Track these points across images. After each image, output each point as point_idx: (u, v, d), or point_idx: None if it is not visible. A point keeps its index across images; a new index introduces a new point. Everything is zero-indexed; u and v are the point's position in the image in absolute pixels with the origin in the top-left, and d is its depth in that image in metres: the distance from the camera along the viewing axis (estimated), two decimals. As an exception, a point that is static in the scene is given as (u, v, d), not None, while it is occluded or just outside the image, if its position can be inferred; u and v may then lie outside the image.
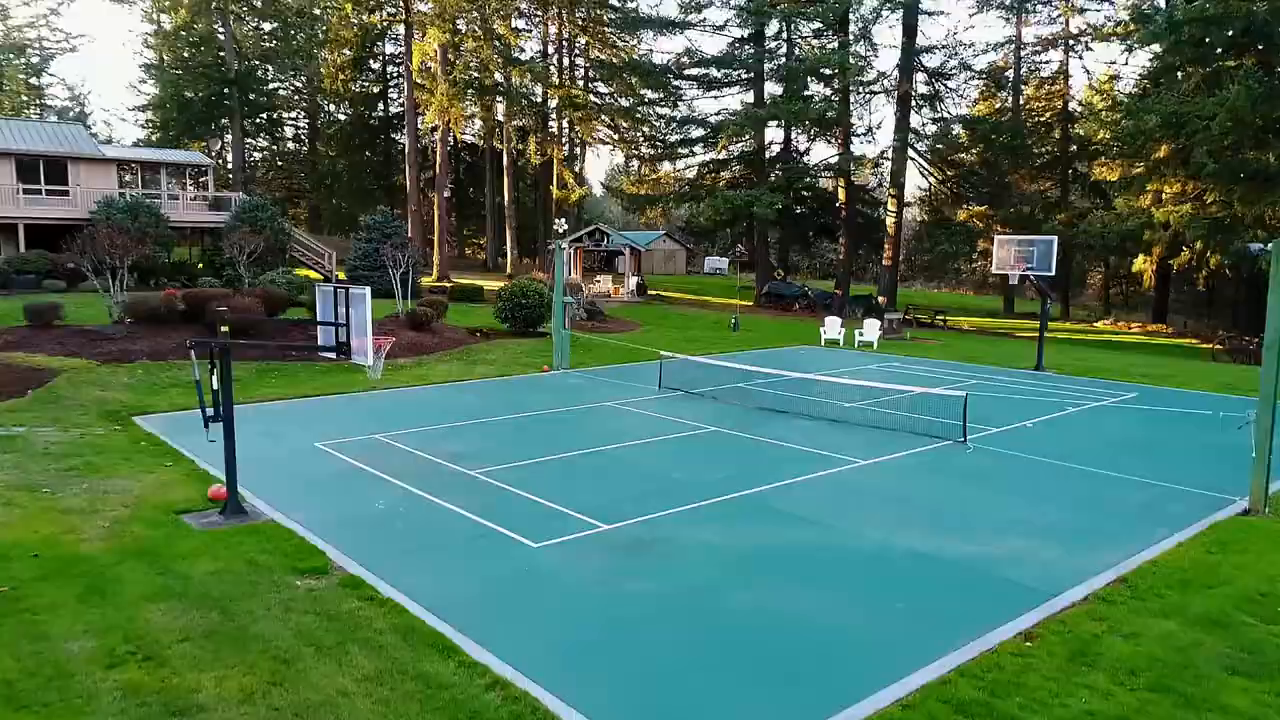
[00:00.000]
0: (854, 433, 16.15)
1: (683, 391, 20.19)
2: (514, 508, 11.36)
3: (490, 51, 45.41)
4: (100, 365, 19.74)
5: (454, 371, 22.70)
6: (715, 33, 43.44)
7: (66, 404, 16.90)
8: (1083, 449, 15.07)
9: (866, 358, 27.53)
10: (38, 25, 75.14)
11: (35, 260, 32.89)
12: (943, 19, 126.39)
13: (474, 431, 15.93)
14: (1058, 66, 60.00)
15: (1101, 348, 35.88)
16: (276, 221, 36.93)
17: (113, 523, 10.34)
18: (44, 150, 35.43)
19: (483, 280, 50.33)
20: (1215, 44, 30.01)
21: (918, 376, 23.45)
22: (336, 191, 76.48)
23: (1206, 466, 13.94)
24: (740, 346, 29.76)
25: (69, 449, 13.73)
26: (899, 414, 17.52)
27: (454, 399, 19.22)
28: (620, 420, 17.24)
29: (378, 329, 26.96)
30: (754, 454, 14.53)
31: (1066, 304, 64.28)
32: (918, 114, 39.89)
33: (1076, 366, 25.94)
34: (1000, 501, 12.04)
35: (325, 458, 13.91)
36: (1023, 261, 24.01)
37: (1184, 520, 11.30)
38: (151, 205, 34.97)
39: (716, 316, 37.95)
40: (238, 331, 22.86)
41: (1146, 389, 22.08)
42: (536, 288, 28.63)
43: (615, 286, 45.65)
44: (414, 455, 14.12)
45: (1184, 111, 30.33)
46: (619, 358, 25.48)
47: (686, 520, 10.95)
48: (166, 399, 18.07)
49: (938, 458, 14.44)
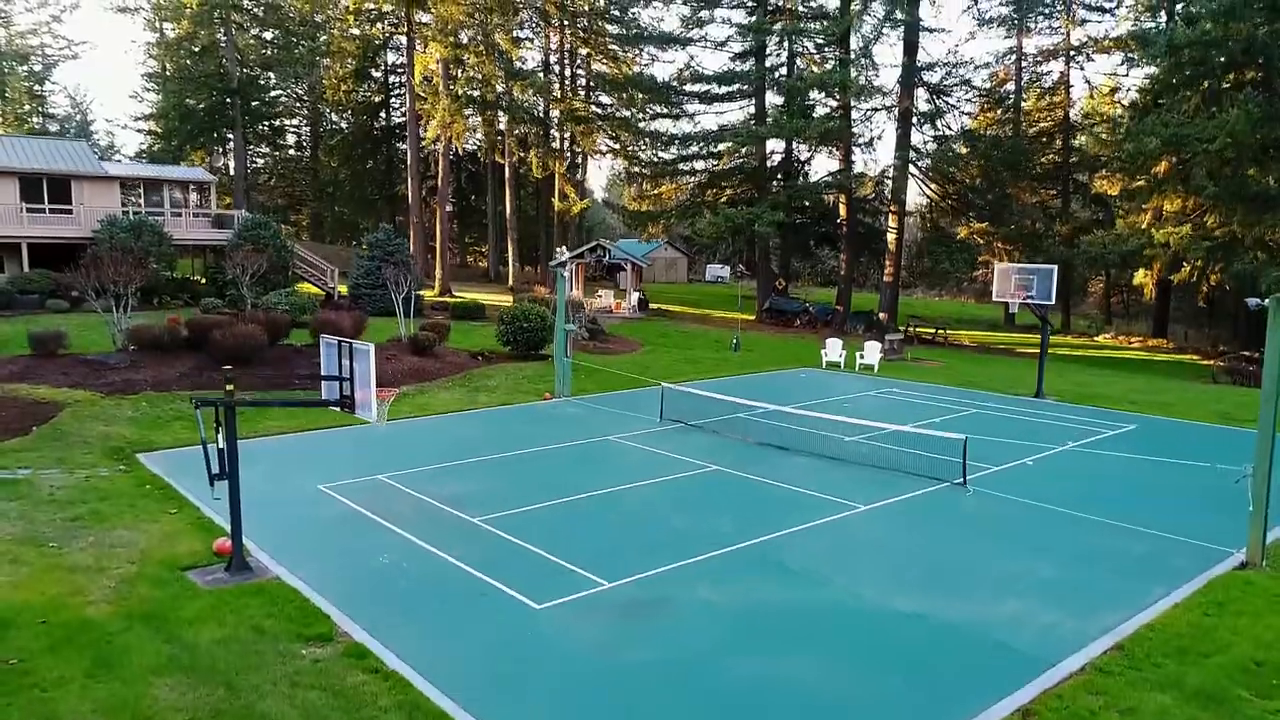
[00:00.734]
0: (854, 472, 16.23)
1: (683, 423, 20.28)
2: (516, 560, 11.45)
3: (492, 66, 45.52)
4: (104, 398, 19.84)
5: (456, 400, 22.79)
6: (717, 49, 43.56)
7: (71, 441, 17.00)
8: (1081, 492, 15.15)
9: (867, 382, 27.61)
10: (40, 32, 75.46)
11: (39, 280, 33.02)
12: (944, 36, 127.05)
13: (475, 471, 16.02)
14: (1058, 77, 60.29)
15: (1101, 367, 35.97)
16: (279, 239, 37.02)
17: (119, 582, 10.44)
18: (47, 168, 35.53)
19: (484, 293, 50.45)
20: (1215, 65, 30.06)
21: (918, 405, 23.56)
22: (338, 200, 76.67)
23: (1204, 513, 14.02)
24: (741, 369, 29.85)
25: (74, 494, 13.82)
26: (899, 449, 17.59)
27: (455, 432, 19.31)
28: (621, 457, 17.33)
29: (380, 351, 27.18)
30: (754, 498, 14.62)
31: (1067, 313, 64.30)
32: (919, 131, 40.04)
33: (1076, 393, 26.01)
34: (999, 554, 12.12)
35: (328, 502, 14.01)
36: (1023, 290, 24.10)
37: (1181, 576, 11.39)
38: (154, 224, 35.07)
39: (718, 334, 38.03)
40: (239, 359, 23.01)
41: (1145, 420, 22.15)
42: (539, 311, 28.70)
43: (617, 301, 45.74)
44: (415, 498, 14.23)
45: (1184, 134, 30.40)
46: (620, 384, 25.55)
47: (687, 577, 11.03)
48: (170, 433, 18.16)
49: (937, 502, 14.52)
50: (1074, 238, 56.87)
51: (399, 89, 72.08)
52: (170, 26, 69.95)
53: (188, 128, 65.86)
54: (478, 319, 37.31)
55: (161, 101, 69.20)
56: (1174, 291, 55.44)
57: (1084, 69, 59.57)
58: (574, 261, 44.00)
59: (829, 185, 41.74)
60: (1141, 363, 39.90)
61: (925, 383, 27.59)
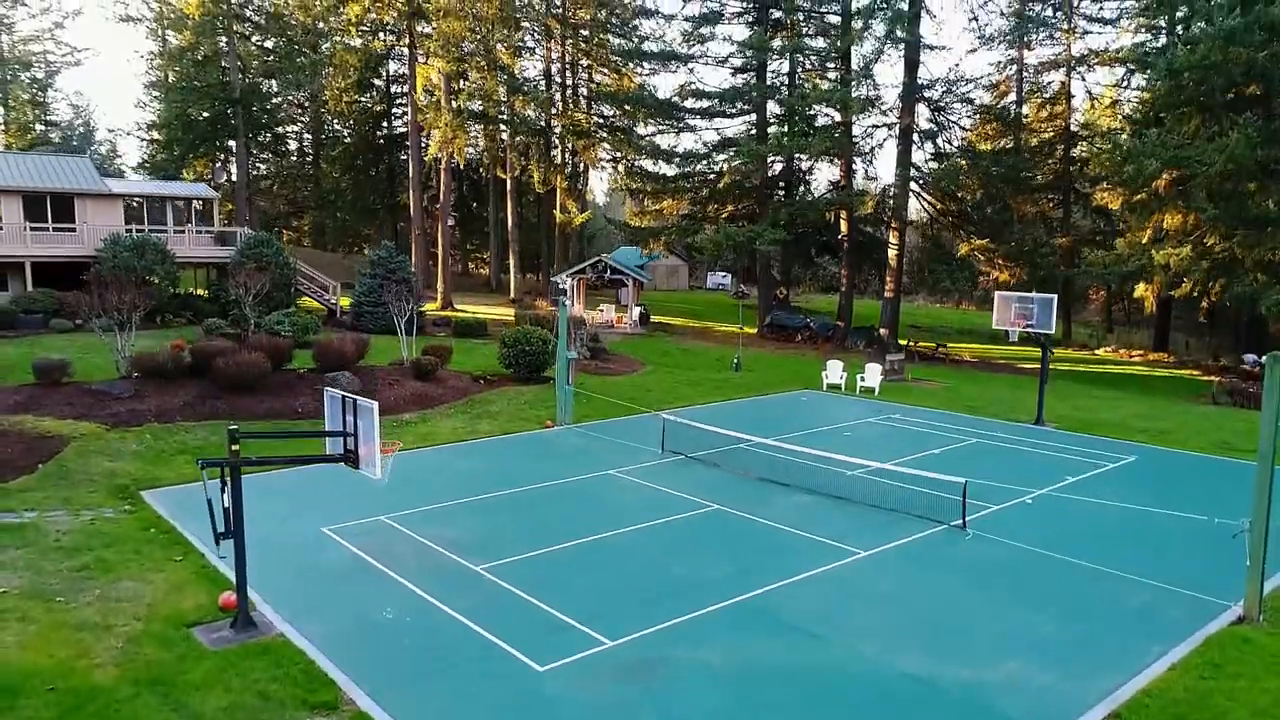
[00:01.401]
0: (854, 513, 16.32)
1: (684, 456, 20.37)
2: (518, 614, 11.56)
3: (494, 81, 45.68)
4: (109, 430, 19.95)
5: (458, 429, 22.89)
6: (718, 65, 43.70)
7: (76, 479, 17.11)
8: (1079, 534, 15.24)
9: (867, 407, 27.70)
10: (43, 38, 75.65)
11: (42, 299, 33.17)
12: (945, 54, 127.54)
13: (477, 511, 16.12)
14: (1059, 87, 60.42)
15: (1101, 385, 36.04)
16: (281, 256, 37.13)
17: (126, 641, 10.54)
18: (51, 186, 35.68)
19: (486, 305, 50.60)
20: (1215, 88, 30.14)
21: (918, 433, 23.65)
22: (340, 208, 76.81)
23: (1202, 560, 14.10)
24: (742, 391, 29.94)
25: (80, 540, 13.92)
26: (899, 486, 17.66)
27: (457, 466, 19.39)
28: (622, 495, 17.42)
29: (383, 376, 27.20)
30: (754, 542, 14.70)
31: (1068, 322, 64.45)
32: (919, 149, 40.11)
33: (1075, 419, 26.09)
34: (998, 607, 12.20)
35: (331, 546, 14.11)
36: (1023, 319, 24.19)
37: (1178, 631, 11.48)
38: (157, 242, 35.18)
39: (719, 353, 38.11)
40: (243, 387, 23.20)
41: (1144, 451, 22.23)
42: (540, 334, 28.78)
43: (619, 315, 45.86)
44: (417, 542, 14.33)
45: (1184, 156, 30.49)
46: (621, 410, 25.63)
47: (688, 634, 11.12)
48: (174, 469, 18.27)
49: (937, 547, 14.61)
50: (1075, 249, 57.17)
51: (401, 98, 72.26)
52: (173, 36, 70.20)
53: (190, 137, 66.05)
54: (480, 336, 37.43)
55: (164, 111, 69.38)
56: (1175, 302, 55.57)
57: (1084, 79, 59.84)
58: (575, 277, 44.11)
59: (830, 202, 41.82)
60: (1141, 379, 39.96)
61: (926, 407, 27.67)
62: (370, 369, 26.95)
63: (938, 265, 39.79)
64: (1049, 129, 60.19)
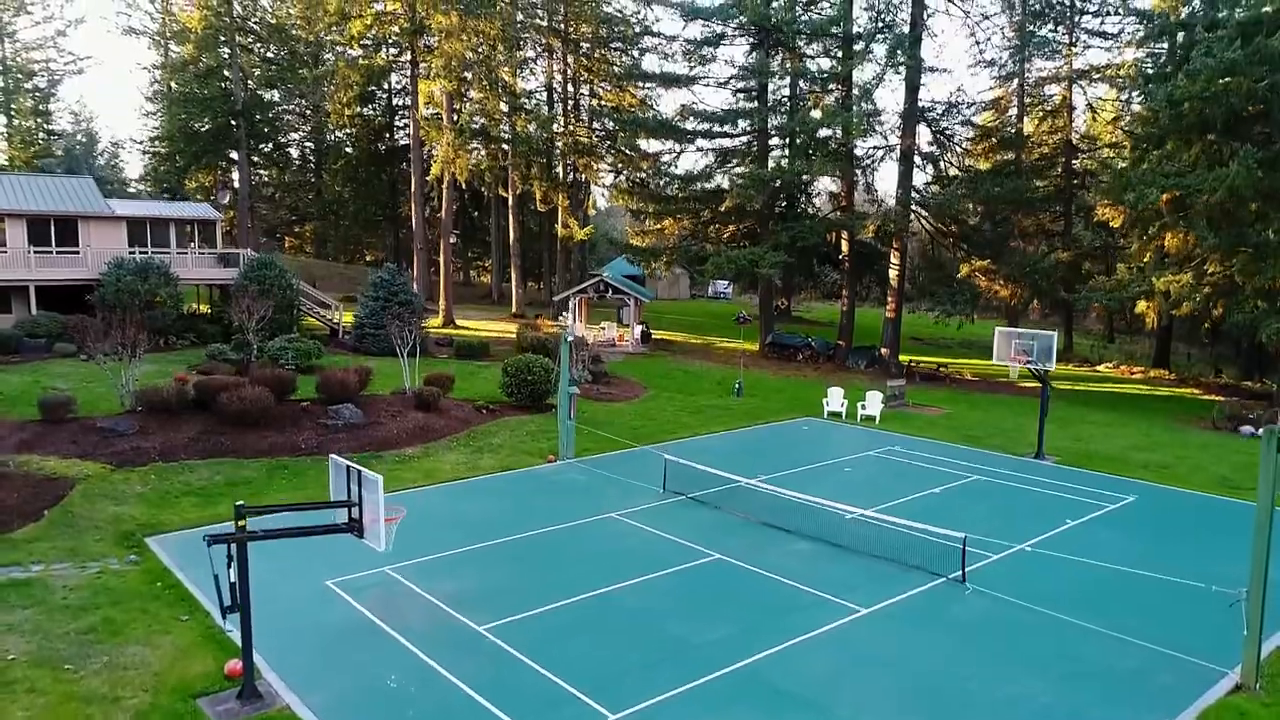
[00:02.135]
0: (854, 564, 16.42)
1: (685, 496, 20.48)
2: (520, 683, 11.67)
3: (496, 101, 45.82)
4: (113, 471, 20.07)
5: (460, 464, 22.99)
6: (720, 86, 43.85)
7: (81, 525, 17.24)
8: (1077, 590, 15.33)
9: (868, 438, 27.79)
10: (45, 46, 75.84)
11: (46, 324, 33.31)
12: (946, 76, 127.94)
13: (479, 562, 16.23)
14: (1060, 99, 60.56)
15: (1101, 408, 36.13)
16: (284, 278, 37.26)
17: (134, 716, 10.66)
18: (54, 210, 35.85)
19: (488, 320, 50.76)
20: (1215, 119, 30.22)
21: (919, 469, 23.74)
22: (343, 218, 77.03)
23: (1199, 620, 14.18)
24: (744, 419, 30.02)
25: (87, 597, 14.04)
26: (899, 531, 17.73)
27: (459, 509, 19.46)
28: (624, 542, 17.51)
29: (385, 407, 27.25)
30: (754, 597, 14.80)
31: (1069, 334, 64.54)
32: (921, 171, 40.23)
33: (1076, 451, 26.19)
34: (997, 670, 12.31)
35: (335, 603, 14.22)
36: (1023, 355, 24.30)
37: (1175, 700, 11.59)
38: (161, 264, 35.32)
39: (720, 374, 38.21)
40: (248, 423, 23.31)
41: (1144, 489, 22.30)
42: (542, 363, 28.90)
43: (620, 333, 45.98)
44: (421, 598, 14.45)
45: (1185, 184, 30.58)
46: (623, 442, 25.74)
47: (689, 705, 11.22)
48: (179, 512, 18.41)
49: (936, 604, 14.70)
50: (1076, 263, 57.24)
51: (403, 110, 72.41)
52: (175, 48, 70.43)
53: (192, 149, 66.29)
54: (482, 358, 37.55)
55: (166, 123, 69.59)
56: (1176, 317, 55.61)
57: (1085, 92, 59.87)
58: (577, 296, 44.23)
59: (831, 225, 41.93)
60: (1141, 400, 40.04)
61: (927, 437, 27.76)
62: (373, 399, 27.07)
63: (938, 288, 39.84)
64: (1050, 142, 60.39)
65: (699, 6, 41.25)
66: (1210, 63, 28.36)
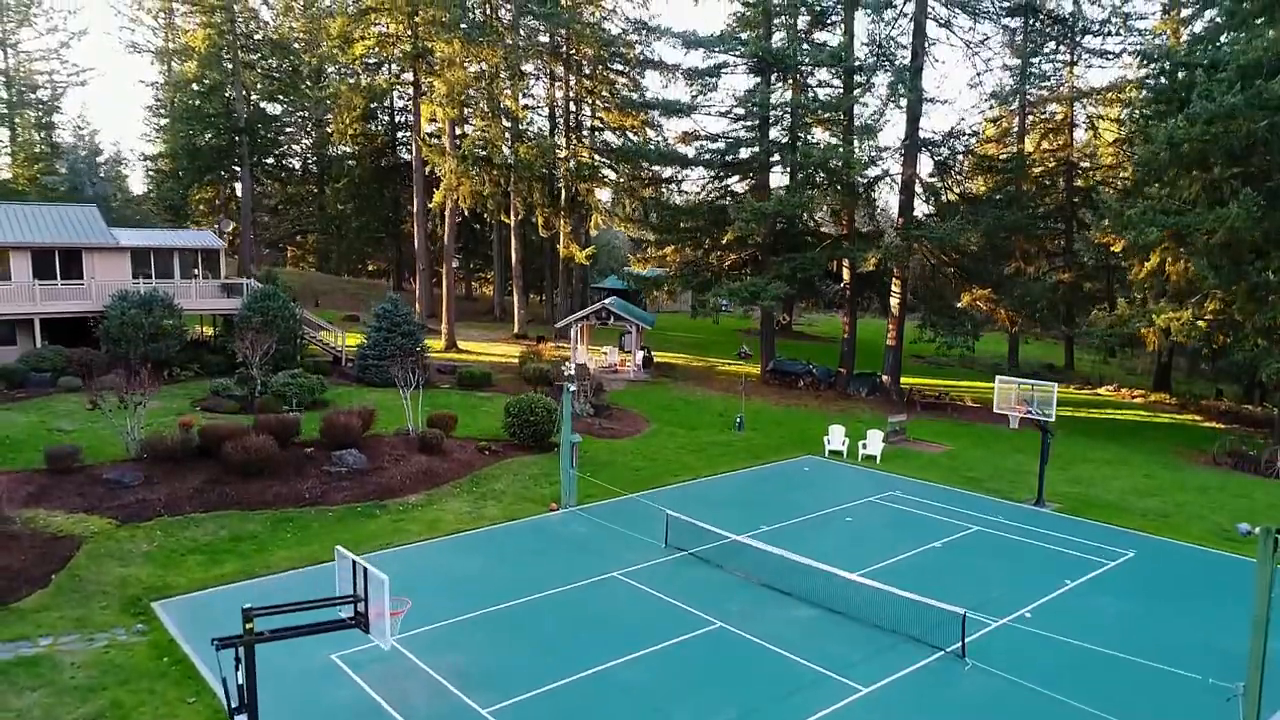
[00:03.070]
0: (854, 633, 16.55)
1: (686, 553, 20.60)
2: (525, 779, 11.81)
3: (498, 129, 46.02)
4: (119, 527, 20.23)
5: (463, 513, 23.09)
6: (721, 116, 44.05)
7: (89, 590, 17.38)
8: (1073, 664, 15.46)
9: (869, 480, 27.91)
10: (49, 57, 76.08)
11: (51, 358, 33.48)
12: (946, 108, 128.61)
13: (483, 630, 16.33)
14: (1062, 117, 60.74)
15: (1100, 438, 36.33)
16: (288, 308, 37.40)
17: (142, 819, 10.80)
18: (59, 241, 36.01)
19: (491, 344, 50.87)
20: (1215, 159, 30.36)
21: (918, 519, 23.86)
22: (345, 235, 77.28)
23: (1196, 708, 14.28)
24: (745, 457, 30.13)
25: (95, 676, 14.18)
26: (899, 595, 17.78)
27: (463, 568, 19.52)
28: (626, 607, 17.62)
29: (389, 450, 27.37)
30: (755, 673, 14.92)
31: (1070, 351, 64.62)
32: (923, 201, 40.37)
33: (1075, 498, 26.31)
34: (995, 764, 12.45)
35: (340, 680, 14.37)
36: (1024, 405, 24.44)
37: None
38: (165, 296, 35.46)
39: (723, 404, 38.34)
40: (252, 472, 23.48)
41: (1142, 543, 22.39)
42: (545, 403, 29.05)
43: (622, 358, 46.15)
44: (425, 674, 14.58)
45: (1185, 223, 30.70)
46: (625, 486, 25.88)
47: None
48: (185, 573, 18.55)
49: (936, 680, 14.82)
50: (1077, 284, 57.35)
51: (406, 126, 72.64)
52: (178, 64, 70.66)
53: (196, 166, 66.56)
54: (485, 389, 37.67)
55: (169, 139, 69.85)
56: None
57: (1086, 108, 60.00)
58: (579, 323, 44.38)
59: (832, 255, 42.06)
60: (1142, 429, 40.19)
61: (927, 480, 27.87)
62: (376, 440, 27.23)
63: (939, 318, 40.00)
64: (1051, 161, 60.54)
65: (699, 37, 41.43)
66: (1210, 107, 28.48)
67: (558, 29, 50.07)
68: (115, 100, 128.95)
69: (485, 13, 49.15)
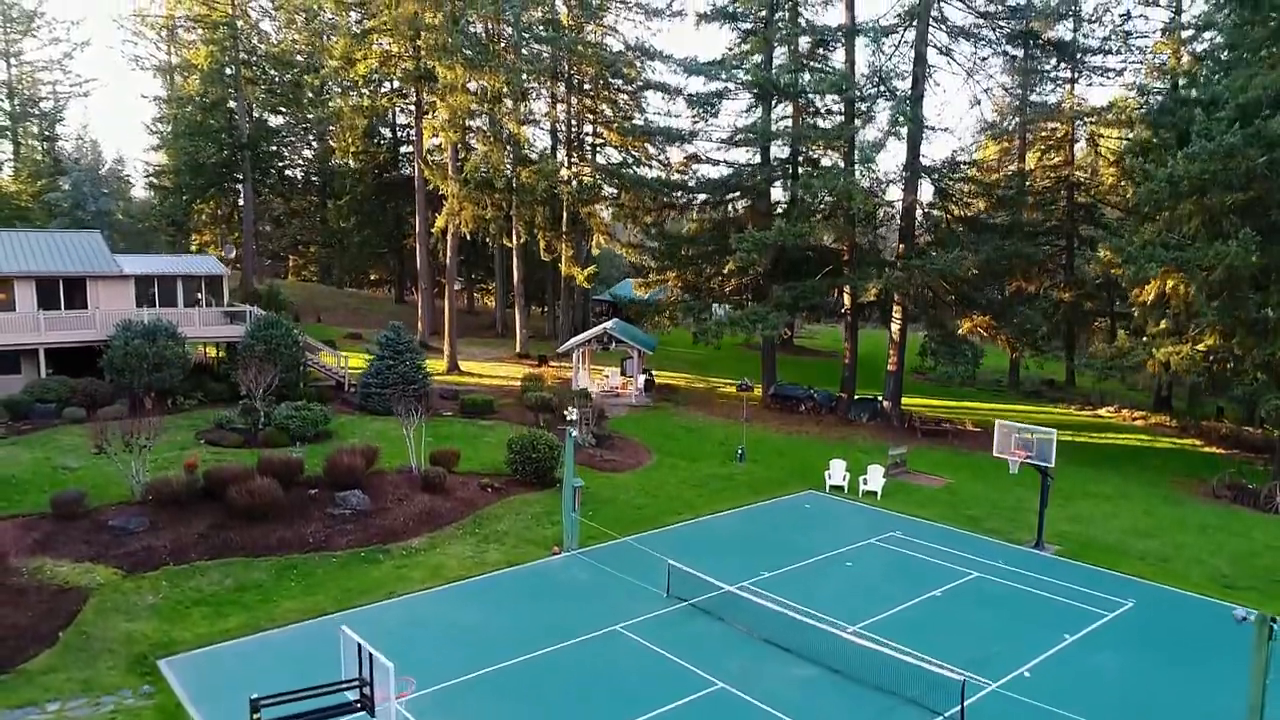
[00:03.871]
0: (853, 695, 16.68)
1: (688, 603, 20.74)
2: None
3: (500, 154, 46.20)
4: (125, 578, 20.38)
5: (466, 558, 23.21)
6: (722, 144, 44.29)
7: (95, 649, 17.53)
8: (1075, 729, 15.63)
9: (869, 519, 28.04)
10: (51, 68, 76.34)
11: (56, 388, 33.63)
12: (946, 136, 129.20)
13: (485, 694, 16.38)
14: (1063, 133, 60.88)
15: (1100, 463, 36.49)
16: (290, 336, 37.54)
17: None
18: (63, 271, 36.16)
19: (493, 364, 51.02)
20: (1214, 195, 30.51)
21: (918, 563, 23.99)
22: (348, 250, 77.48)
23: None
24: (746, 493, 30.25)
25: (102, 747, 14.35)
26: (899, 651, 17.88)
27: (465, 620, 19.60)
28: (628, 665, 17.73)
29: (392, 489, 27.50)
30: (758, 741, 15.08)
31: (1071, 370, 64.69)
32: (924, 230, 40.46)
33: (1074, 539, 26.43)
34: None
35: (346, 751, 14.50)
36: (1023, 450, 24.57)
37: None
38: (169, 325, 35.59)
39: (724, 433, 38.46)
40: (256, 515, 23.63)
41: (1142, 591, 22.50)
42: (547, 439, 29.20)
43: (624, 381, 46.30)
44: (431, 744, 14.73)
45: (1184, 258, 30.85)
46: (627, 525, 26.03)
47: None
48: (190, 627, 18.71)
49: (935, 749, 14.98)
50: (1078, 303, 57.43)
51: (408, 142, 72.79)
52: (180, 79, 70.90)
53: (198, 183, 66.72)
54: (487, 416, 37.79)
55: (172, 153, 70.05)
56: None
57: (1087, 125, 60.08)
58: (581, 347, 44.55)
59: (833, 283, 42.23)
60: (1142, 455, 40.35)
61: (927, 519, 27.99)
62: (379, 478, 27.37)
63: (940, 345, 40.14)
64: (1051, 178, 60.68)
65: (700, 64, 41.61)
66: (1210, 146, 28.61)
67: (560, 51, 50.24)
68: (118, 113, 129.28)
69: (487, 32, 49.36)
